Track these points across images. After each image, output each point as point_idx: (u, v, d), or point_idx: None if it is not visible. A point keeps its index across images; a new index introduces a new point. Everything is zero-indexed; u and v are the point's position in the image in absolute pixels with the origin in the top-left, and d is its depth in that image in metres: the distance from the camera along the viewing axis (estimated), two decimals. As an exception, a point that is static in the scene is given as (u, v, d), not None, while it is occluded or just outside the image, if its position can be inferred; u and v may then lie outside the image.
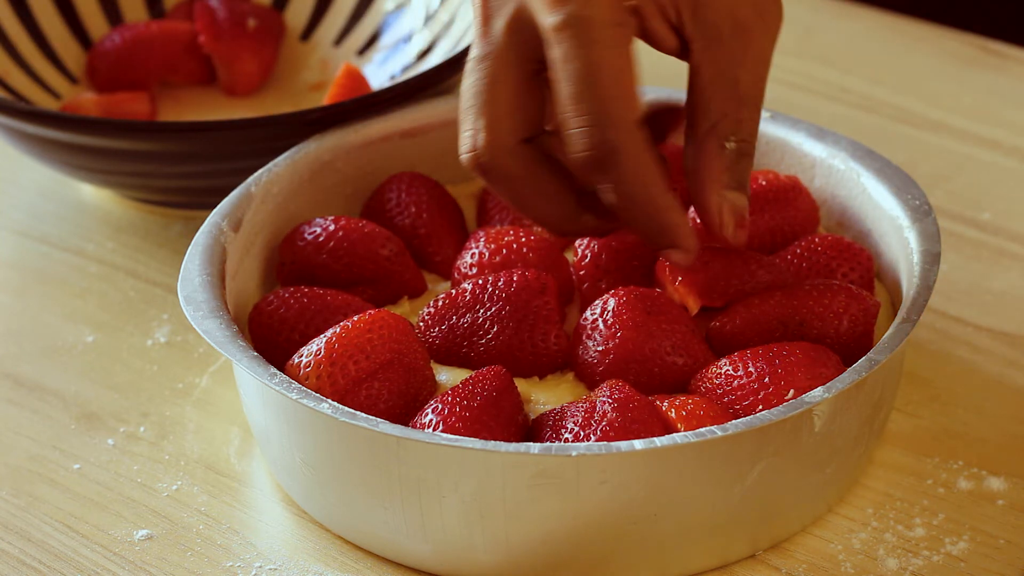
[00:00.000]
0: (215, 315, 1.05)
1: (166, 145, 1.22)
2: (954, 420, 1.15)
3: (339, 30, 1.46)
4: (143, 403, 1.17)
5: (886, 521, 1.07)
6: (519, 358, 1.07)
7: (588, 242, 1.12)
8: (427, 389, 1.06)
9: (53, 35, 1.42)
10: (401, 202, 1.19)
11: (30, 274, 1.30)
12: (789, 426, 1.00)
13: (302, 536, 1.07)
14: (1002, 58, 1.52)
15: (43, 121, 1.23)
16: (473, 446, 0.97)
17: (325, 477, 1.04)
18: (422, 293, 1.16)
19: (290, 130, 1.21)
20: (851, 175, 1.18)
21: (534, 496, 0.98)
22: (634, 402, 1.01)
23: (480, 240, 1.14)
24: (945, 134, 1.42)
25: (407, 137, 1.24)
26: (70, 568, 1.06)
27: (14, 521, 1.09)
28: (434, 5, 1.42)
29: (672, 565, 1.03)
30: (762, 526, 1.04)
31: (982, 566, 1.04)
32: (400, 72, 1.41)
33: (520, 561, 1.01)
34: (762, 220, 1.15)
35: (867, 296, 1.08)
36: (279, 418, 1.05)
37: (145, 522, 1.09)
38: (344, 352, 1.03)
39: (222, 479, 1.12)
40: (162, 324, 1.24)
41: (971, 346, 1.21)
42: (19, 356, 1.22)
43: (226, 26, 1.42)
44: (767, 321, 1.07)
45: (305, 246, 1.14)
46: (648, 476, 0.98)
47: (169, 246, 1.31)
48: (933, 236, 1.11)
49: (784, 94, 1.48)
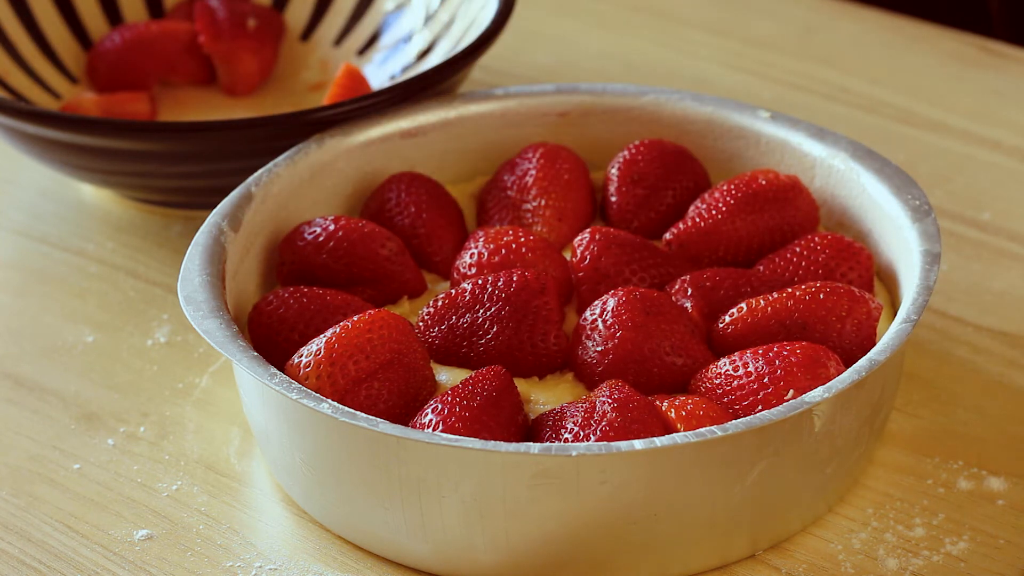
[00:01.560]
0: (215, 315, 1.05)
1: (166, 145, 1.22)
2: (954, 420, 1.15)
3: (339, 30, 1.46)
4: (143, 403, 1.17)
5: (886, 521, 1.07)
6: (519, 358, 1.07)
7: (588, 244, 1.12)
8: (427, 389, 1.06)
9: (53, 35, 1.42)
10: (401, 202, 1.19)
11: (30, 274, 1.30)
12: (789, 426, 1.00)
13: (302, 536, 1.07)
14: (1002, 58, 1.52)
15: (43, 121, 1.23)
16: (473, 446, 0.97)
17: (325, 477, 1.04)
18: (422, 293, 1.16)
19: (290, 130, 1.21)
20: (851, 175, 1.18)
21: (534, 496, 0.98)
22: (634, 402, 1.01)
23: (479, 240, 1.14)
24: (945, 134, 1.42)
25: (407, 137, 1.24)
26: (70, 568, 1.06)
27: (14, 521, 1.09)
28: (434, 5, 1.42)
29: (672, 565, 1.03)
30: (762, 526, 1.04)
31: (982, 566, 1.04)
32: (400, 72, 1.41)
33: (520, 561, 1.01)
34: (762, 220, 1.15)
35: (869, 299, 1.08)
36: (279, 418, 1.05)
37: (145, 522, 1.09)
38: (344, 352, 1.03)
39: (222, 479, 1.12)
40: (162, 324, 1.24)
41: (971, 346, 1.21)
42: (19, 356, 1.22)
43: (226, 26, 1.42)
44: (769, 324, 1.07)
45: (305, 246, 1.14)
46: (648, 476, 0.98)
47: (169, 246, 1.31)
48: (933, 236, 1.10)
49: (784, 94, 1.48)
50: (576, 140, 1.25)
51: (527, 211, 1.19)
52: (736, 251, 1.16)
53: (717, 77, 1.50)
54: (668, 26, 1.58)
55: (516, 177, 1.20)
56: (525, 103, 1.25)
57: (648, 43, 1.56)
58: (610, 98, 1.25)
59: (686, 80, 1.49)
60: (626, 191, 1.19)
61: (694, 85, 1.48)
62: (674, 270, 1.13)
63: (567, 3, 1.61)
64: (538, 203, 1.19)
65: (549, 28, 1.58)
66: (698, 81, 1.49)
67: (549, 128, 1.25)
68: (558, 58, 1.53)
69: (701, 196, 1.17)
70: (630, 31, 1.57)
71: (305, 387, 1.01)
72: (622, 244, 1.12)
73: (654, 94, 1.24)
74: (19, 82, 1.38)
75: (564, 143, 1.24)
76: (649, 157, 1.20)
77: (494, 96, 1.25)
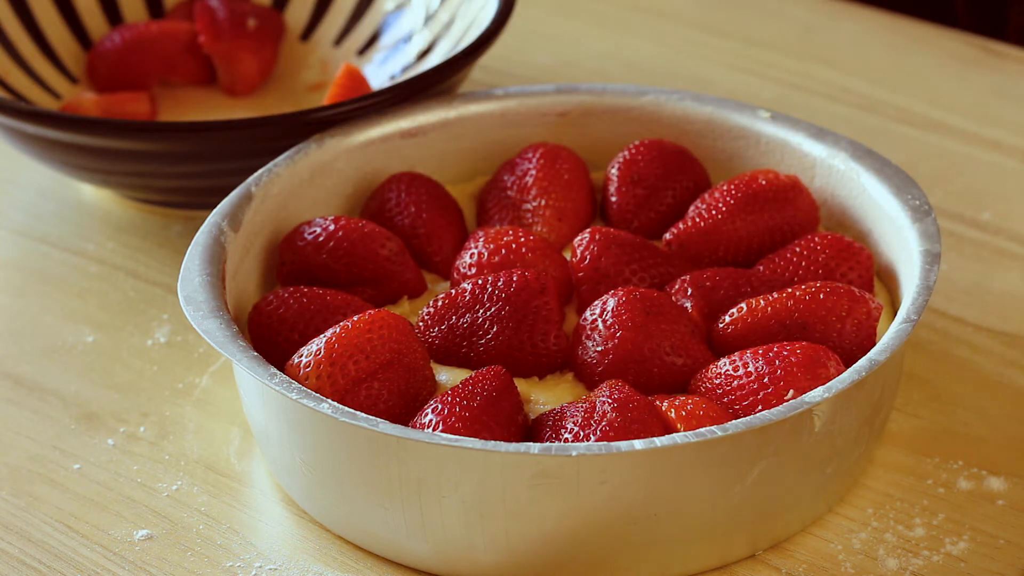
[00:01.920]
0: (215, 315, 1.05)
1: (166, 145, 1.22)
2: (954, 420, 1.15)
3: (339, 30, 1.46)
4: (143, 403, 1.17)
5: (886, 521, 1.07)
6: (519, 358, 1.07)
7: (588, 244, 1.12)
8: (427, 389, 1.06)
9: (53, 35, 1.42)
10: (401, 202, 1.19)
11: (30, 274, 1.30)
12: (789, 426, 1.00)
13: (302, 536, 1.07)
14: (1002, 58, 1.52)
15: (43, 121, 1.23)
16: (473, 446, 0.97)
17: (325, 477, 1.04)
18: (422, 293, 1.16)
19: (290, 130, 1.21)
20: (851, 175, 1.18)
21: (534, 496, 0.98)
22: (634, 402, 1.01)
23: (479, 240, 1.14)
24: (945, 134, 1.42)
25: (407, 137, 1.24)
26: (70, 568, 1.06)
27: (14, 521, 1.09)
28: (434, 5, 1.42)
29: (672, 565, 1.03)
30: (762, 526, 1.04)
31: (982, 566, 1.04)
32: (400, 72, 1.41)
33: (520, 561, 1.01)
34: (762, 220, 1.15)
35: (869, 299, 1.08)
36: (279, 418, 1.05)
37: (145, 522, 1.09)
38: (344, 352, 1.03)
39: (222, 479, 1.12)
40: (162, 324, 1.24)
41: (971, 346, 1.21)
42: (19, 356, 1.22)
43: (226, 26, 1.42)
44: (769, 324, 1.07)
45: (305, 246, 1.14)
46: (648, 476, 0.98)
47: (169, 246, 1.31)
48: (933, 236, 1.10)
49: (784, 94, 1.48)
50: (576, 140, 1.25)
51: (527, 211, 1.19)
52: (736, 251, 1.16)
53: (717, 77, 1.50)
54: (668, 26, 1.58)
55: (516, 177, 1.20)
56: (525, 103, 1.25)
57: (648, 43, 1.56)
58: (610, 98, 1.25)
59: (686, 80, 1.49)
60: (626, 191, 1.20)
61: (694, 85, 1.48)
62: (674, 270, 1.13)
63: (567, 3, 1.61)
64: (538, 203, 1.19)
65: (549, 28, 1.58)
66: (698, 81, 1.49)
67: (549, 128, 1.25)
68: (558, 58, 1.54)
69: (701, 196, 1.17)
70: (630, 31, 1.57)
71: (305, 387, 1.01)
72: (622, 244, 1.12)
73: (654, 94, 1.24)
74: (19, 82, 1.38)
75: (564, 143, 1.24)
76: (649, 157, 1.20)
77: (494, 96, 1.25)
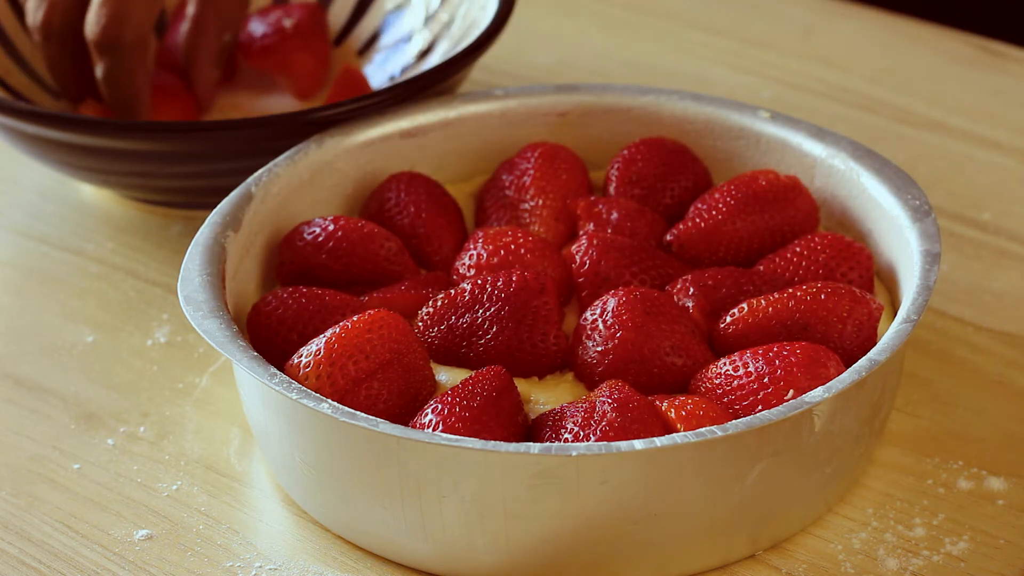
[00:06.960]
0: (215, 315, 1.05)
1: (166, 145, 1.22)
2: (954, 420, 1.15)
3: (339, 30, 1.46)
4: (143, 403, 1.17)
5: (886, 521, 1.07)
6: (518, 358, 1.07)
7: (587, 249, 1.12)
8: (427, 389, 1.06)
9: (53, 35, 1.42)
10: (401, 202, 1.19)
11: (30, 274, 1.30)
12: (789, 426, 1.00)
13: (302, 536, 1.07)
14: (1002, 58, 1.52)
15: (43, 121, 1.23)
16: (473, 446, 0.97)
17: (325, 477, 1.04)
18: (422, 293, 1.16)
19: (290, 130, 1.21)
20: (851, 175, 1.18)
21: (534, 496, 0.98)
22: (634, 402, 1.01)
23: (479, 241, 1.14)
24: (945, 134, 1.42)
25: (407, 137, 1.24)
26: (70, 568, 1.06)
27: (14, 521, 1.09)
28: (434, 5, 1.42)
29: (672, 565, 1.03)
30: (762, 526, 1.04)
31: (982, 566, 1.04)
32: (400, 72, 1.41)
33: (520, 561, 1.01)
34: (762, 220, 1.15)
35: (870, 299, 1.08)
36: (279, 418, 1.05)
37: (145, 522, 1.09)
38: (344, 352, 1.03)
39: (222, 479, 1.12)
40: (162, 324, 1.24)
41: (971, 346, 1.21)
42: (19, 356, 1.22)
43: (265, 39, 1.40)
44: (771, 324, 1.07)
45: (305, 246, 1.14)
46: (648, 476, 0.98)
47: (169, 246, 1.31)
48: (933, 236, 1.10)
49: (784, 94, 1.48)
50: (576, 140, 1.25)
51: (524, 211, 1.19)
52: (736, 252, 1.16)
53: (717, 77, 1.50)
54: (668, 26, 1.58)
55: (514, 177, 1.20)
56: (525, 103, 1.25)
57: (648, 43, 1.56)
58: (610, 98, 1.25)
59: (686, 80, 1.49)
60: (624, 191, 1.20)
61: (694, 85, 1.48)
62: (674, 271, 1.13)
63: (567, 3, 1.61)
64: (535, 203, 1.19)
65: (549, 28, 1.58)
66: (698, 81, 1.49)
67: (549, 128, 1.25)
68: (558, 58, 1.54)
69: (701, 196, 1.17)
70: (630, 31, 1.57)
71: (305, 387, 1.01)
72: (620, 248, 1.12)
73: (654, 94, 1.24)
74: (19, 82, 1.38)
75: (564, 143, 1.24)
76: (648, 157, 1.20)
77: (494, 96, 1.25)
